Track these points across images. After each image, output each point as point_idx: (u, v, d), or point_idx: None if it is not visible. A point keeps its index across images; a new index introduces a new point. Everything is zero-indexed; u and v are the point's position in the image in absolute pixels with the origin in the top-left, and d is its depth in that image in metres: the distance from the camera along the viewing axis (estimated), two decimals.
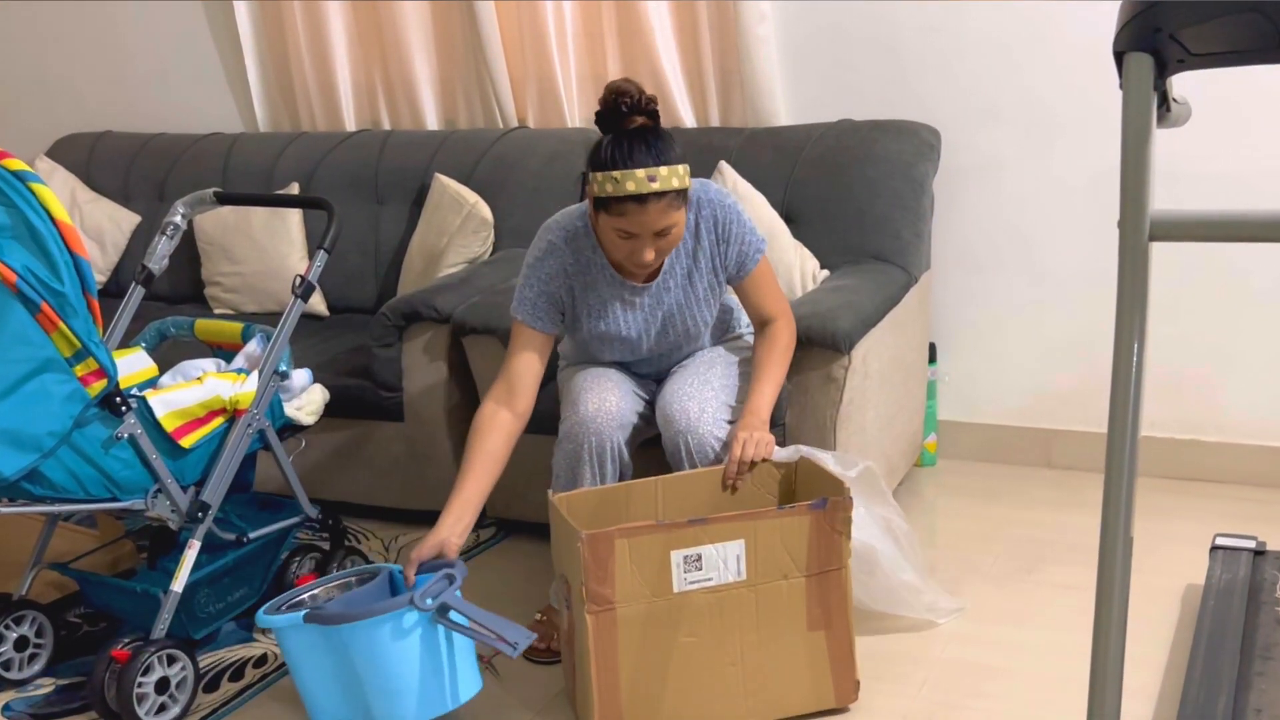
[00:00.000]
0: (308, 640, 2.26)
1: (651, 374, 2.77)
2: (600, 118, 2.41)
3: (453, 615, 2.27)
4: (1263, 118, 3.15)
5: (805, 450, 2.51)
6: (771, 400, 2.56)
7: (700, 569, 2.27)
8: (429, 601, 2.22)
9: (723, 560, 2.28)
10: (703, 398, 2.55)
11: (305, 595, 2.44)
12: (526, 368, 2.55)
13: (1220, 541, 2.78)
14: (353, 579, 2.49)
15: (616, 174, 2.33)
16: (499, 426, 2.50)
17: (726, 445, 2.52)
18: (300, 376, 2.79)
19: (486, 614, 2.27)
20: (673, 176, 2.36)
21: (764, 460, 2.47)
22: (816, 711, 2.39)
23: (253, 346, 2.77)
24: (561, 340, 2.83)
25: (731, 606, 2.30)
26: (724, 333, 2.83)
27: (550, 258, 2.54)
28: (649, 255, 2.41)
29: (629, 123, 2.38)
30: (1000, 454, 3.62)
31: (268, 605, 2.37)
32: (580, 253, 2.55)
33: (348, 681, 2.25)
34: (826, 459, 2.48)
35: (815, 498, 2.34)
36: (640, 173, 2.33)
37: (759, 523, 2.28)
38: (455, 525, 2.40)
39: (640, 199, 2.34)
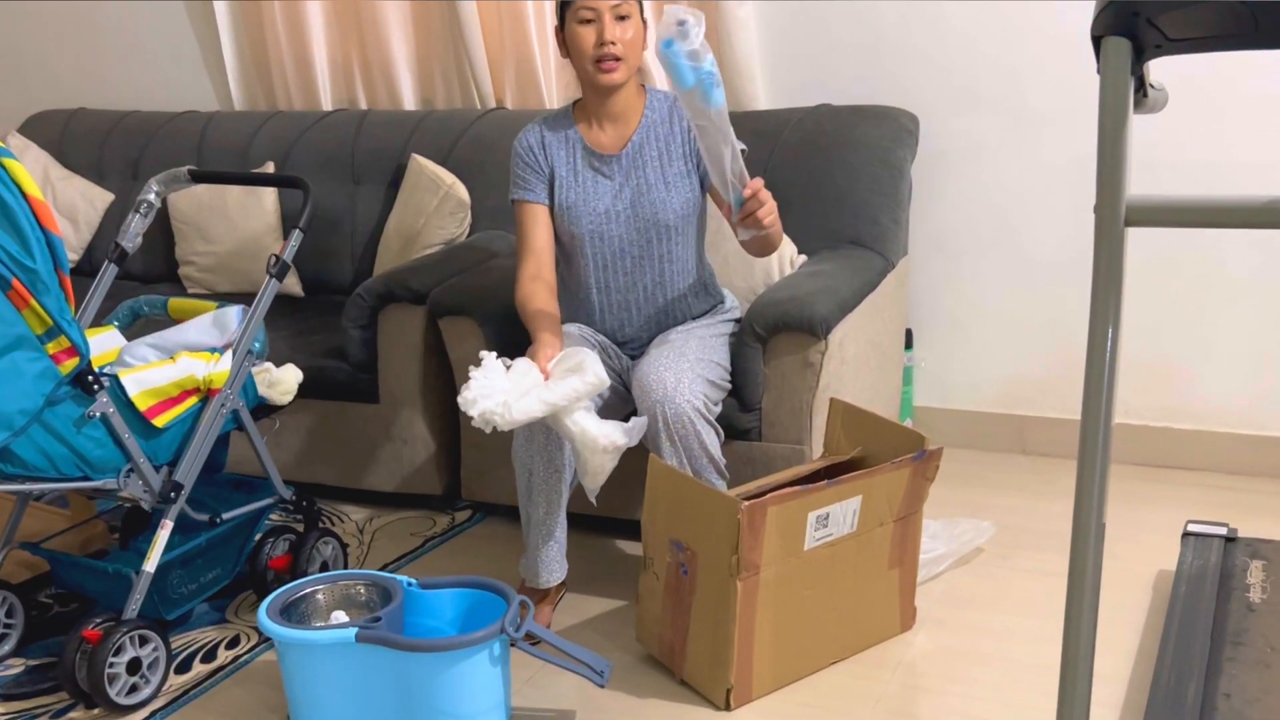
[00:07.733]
0: (346, 657, 2.20)
1: (633, 347, 2.81)
2: None
3: (540, 643, 2.33)
4: (1239, 105, 3.16)
5: None
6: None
7: (827, 526, 2.40)
8: (518, 629, 2.24)
9: (844, 515, 2.42)
10: (679, 369, 2.57)
11: (301, 593, 2.38)
12: (544, 242, 2.73)
13: (1192, 528, 2.80)
14: (360, 585, 2.43)
15: None
16: (542, 289, 2.67)
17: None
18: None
19: (568, 643, 2.33)
20: None
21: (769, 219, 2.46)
22: (882, 640, 2.57)
23: (230, 319, 2.73)
24: None
25: (841, 556, 2.44)
26: (705, 295, 2.85)
27: (528, 135, 2.77)
28: (611, 33, 2.60)
29: None
30: (975, 440, 3.63)
31: (269, 606, 2.29)
32: (556, 129, 2.76)
33: (403, 704, 2.21)
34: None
35: (859, 444, 2.60)
36: None
37: (875, 479, 2.43)
38: (553, 339, 2.53)
39: None
